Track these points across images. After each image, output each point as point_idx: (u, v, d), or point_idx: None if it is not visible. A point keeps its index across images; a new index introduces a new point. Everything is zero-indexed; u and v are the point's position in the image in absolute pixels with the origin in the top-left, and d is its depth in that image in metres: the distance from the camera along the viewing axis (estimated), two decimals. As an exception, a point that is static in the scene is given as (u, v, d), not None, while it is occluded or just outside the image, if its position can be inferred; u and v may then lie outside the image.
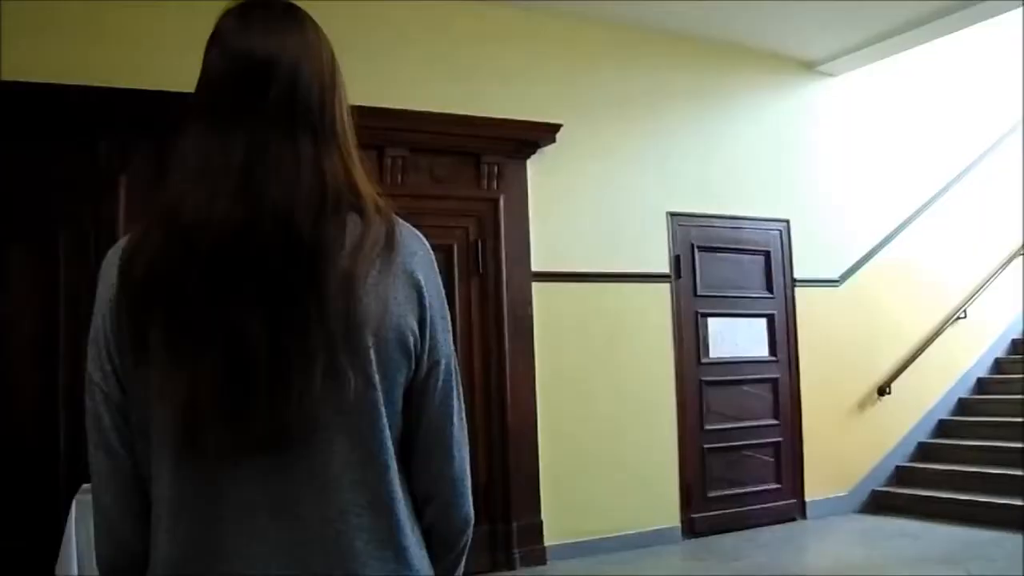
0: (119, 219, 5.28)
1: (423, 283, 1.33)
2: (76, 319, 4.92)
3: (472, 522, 1.44)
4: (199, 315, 1.21)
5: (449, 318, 1.40)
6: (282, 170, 1.25)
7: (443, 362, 1.36)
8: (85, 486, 3.86)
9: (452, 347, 1.39)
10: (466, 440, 1.42)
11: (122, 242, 1.33)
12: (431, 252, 1.39)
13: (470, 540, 1.45)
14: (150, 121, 4.76)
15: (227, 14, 1.34)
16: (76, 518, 3.98)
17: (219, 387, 1.20)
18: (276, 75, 1.28)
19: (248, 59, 1.29)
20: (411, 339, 1.30)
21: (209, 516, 1.23)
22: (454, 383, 1.39)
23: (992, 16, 7.48)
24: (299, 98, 1.29)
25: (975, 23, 7.54)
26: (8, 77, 5.04)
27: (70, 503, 4.08)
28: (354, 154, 1.35)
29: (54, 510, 4.49)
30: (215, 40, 1.33)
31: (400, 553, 1.29)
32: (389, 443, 1.29)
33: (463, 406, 1.41)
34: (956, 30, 7.65)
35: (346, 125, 1.36)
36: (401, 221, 1.35)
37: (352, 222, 1.28)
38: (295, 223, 1.22)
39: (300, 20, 1.36)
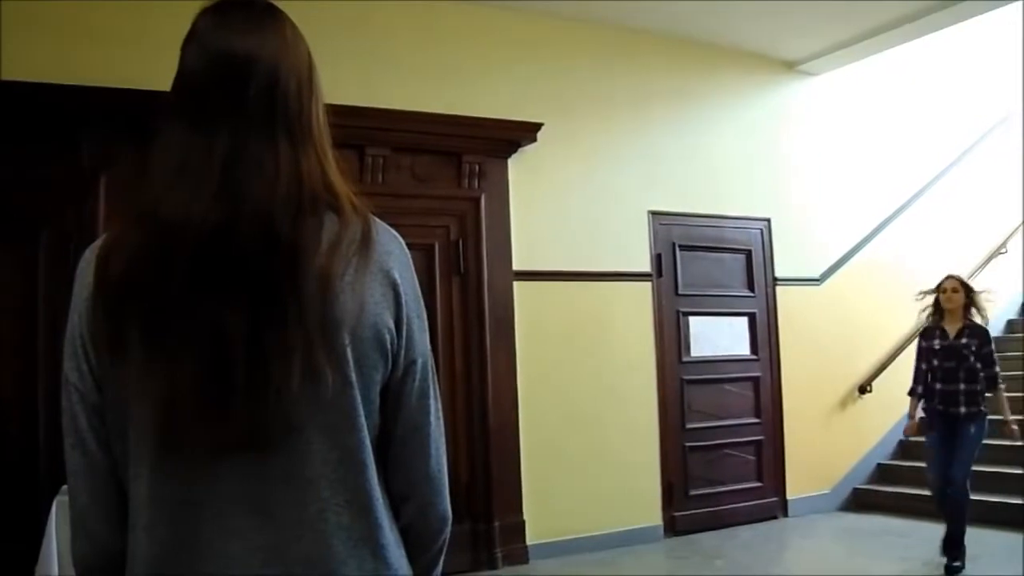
0: (99, 219, 5.26)
1: (399, 282, 1.33)
2: (56, 319, 4.89)
3: (449, 521, 1.44)
4: (178, 314, 1.21)
5: (426, 317, 1.40)
6: (262, 170, 1.25)
7: (420, 361, 1.36)
8: (65, 487, 3.85)
9: (429, 346, 1.40)
10: (443, 439, 1.42)
11: (99, 241, 1.32)
12: (407, 251, 1.39)
13: (448, 539, 1.45)
14: (132, 121, 4.72)
15: (205, 13, 1.33)
16: (56, 519, 3.96)
17: (199, 386, 1.20)
18: (255, 74, 1.28)
19: (227, 58, 1.28)
20: (388, 338, 1.30)
21: (189, 515, 1.23)
22: (431, 382, 1.39)
23: (973, 15, 7.52)
24: (278, 98, 1.29)
25: (956, 22, 7.58)
26: (-11, 77, 5.02)
27: (50, 504, 4.05)
28: (330, 154, 1.35)
29: (34, 511, 4.45)
30: (193, 38, 1.32)
31: (379, 552, 1.29)
32: (367, 442, 1.29)
33: (440, 405, 1.41)
34: (937, 29, 7.68)
35: (322, 125, 1.36)
36: (377, 220, 1.35)
37: (329, 220, 1.29)
38: (274, 223, 1.23)
39: (278, 19, 1.35)
